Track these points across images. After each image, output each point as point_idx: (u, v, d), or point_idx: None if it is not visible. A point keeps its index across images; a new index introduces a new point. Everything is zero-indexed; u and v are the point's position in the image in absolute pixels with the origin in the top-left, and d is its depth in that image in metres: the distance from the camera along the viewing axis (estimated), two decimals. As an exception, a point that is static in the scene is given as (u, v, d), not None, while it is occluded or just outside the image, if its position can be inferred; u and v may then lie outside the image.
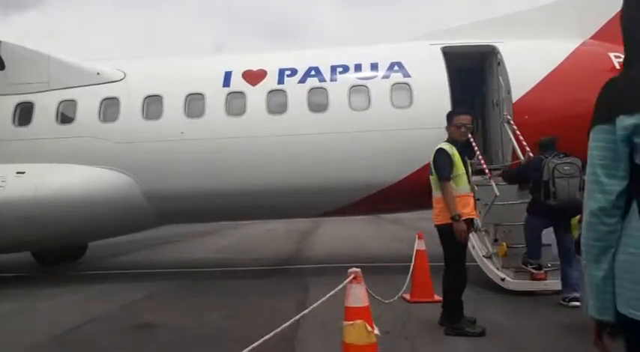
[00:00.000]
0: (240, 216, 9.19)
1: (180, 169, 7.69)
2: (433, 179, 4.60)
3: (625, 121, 1.19)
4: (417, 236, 5.93)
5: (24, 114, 7.99)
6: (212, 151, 7.61)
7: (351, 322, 2.55)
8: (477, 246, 6.56)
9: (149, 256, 11.80)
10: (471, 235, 6.78)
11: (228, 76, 7.93)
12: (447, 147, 4.57)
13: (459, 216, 4.34)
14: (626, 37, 1.33)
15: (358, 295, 2.62)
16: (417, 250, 5.72)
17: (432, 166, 4.60)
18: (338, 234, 14.56)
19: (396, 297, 4.80)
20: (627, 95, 1.22)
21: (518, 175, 6.05)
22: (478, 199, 6.93)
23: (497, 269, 6.09)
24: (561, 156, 5.34)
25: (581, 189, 4.98)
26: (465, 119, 4.59)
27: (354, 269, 2.68)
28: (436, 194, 4.56)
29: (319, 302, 2.72)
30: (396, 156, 7.34)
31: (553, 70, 7.62)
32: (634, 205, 1.22)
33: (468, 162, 4.70)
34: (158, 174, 7.73)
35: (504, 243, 6.04)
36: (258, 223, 16.71)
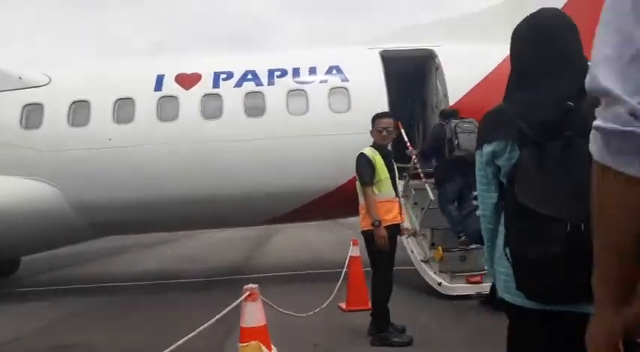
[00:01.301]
0: (176, 227, 8.81)
1: (109, 178, 7.28)
2: (358, 184, 4.47)
3: (486, 149, 1.49)
4: (351, 242, 5.77)
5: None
6: (142, 159, 7.24)
7: (246, 343, 2.33)
8: (415, 250, 6.49)
9: (90, 270, 11.16)
10: (409, 240, 6.76)
11: (160, 79, 7.59)
12: (368, 151, 4.46)
13: (379, 221, 4.23)
14: (511, 69, 1.52)
15: (253, 313, 2.41)
16: (350, 256, 5.56)
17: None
18: (293, 241, 14.25)
19: (323, 305, 4.63)
20: (489, 127, 1.51)
21: (430, 148, 6.28)
22: (415, 203, 6.93)
23: (435, 273, 6.03)
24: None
25: None
26: (385, 123, 4.48)
27: (251, 286, 2.47)
28: (360, 199, 4.44)
29: (207, 323, 2.48)
30: (336, 162, 7.18)
31: (489, 74, 7.69)
32: (502, 216, 1.48)
33: (395, 166, 4.59)
34: (86, 183, 7.30)
35: (440, 247, 5.98)
36: (216, 231, 16.14)
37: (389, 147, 4.73)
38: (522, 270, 1.33)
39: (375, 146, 4.53)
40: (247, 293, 2.44)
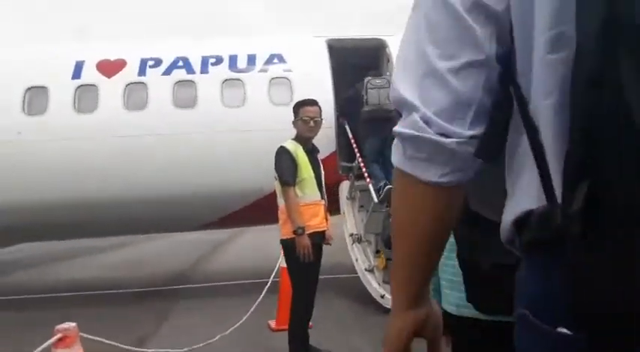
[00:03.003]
0: (99, 232, 7.93)
1: (17, 177, 6.39)
2: (276, 184, 3.80)
3: None
4: (281, 250, 5.08)
5: None
6: (55, 155, 6.38)
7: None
8: (359, 258, 5.88)
9: (14, 279, 10.08)
10: (354, 246, 6.15)
11: (79, 66, 6.74)
12: (290, 146, 3.81)
13: (303, 229, 3.59)
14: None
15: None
16: (281, 267, 4.87)
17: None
18: (254, 244, 13.28)
19: (237, 324, 3.96)
20: None
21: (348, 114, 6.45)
22: (362, 206, 6.31)
23: (378, 284, 5.42)
24: None
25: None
26: (312, 111, 3.87)
27: (63, 326, 1.76)
28: (280, 202, 3.77)
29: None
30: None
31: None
32: None
33: (321, 164, 3.95)
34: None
35: (383, 255, 5.37)
36: (176, 234, 14.91)
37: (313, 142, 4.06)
38: (474, 281, 1.28)
39: (298, 139, 3.89)
40: (58, 335, 1.72)
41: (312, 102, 3.97)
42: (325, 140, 5.95)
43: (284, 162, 3.69)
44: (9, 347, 4.85)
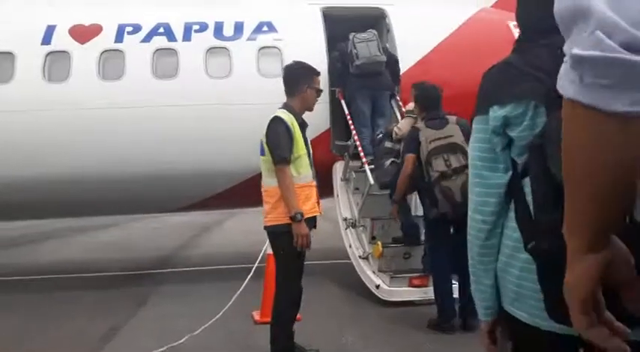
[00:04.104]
0: (73, 212, 7.40)
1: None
2: (264, 161, 3.31)
3: (497, 112, 1.17)
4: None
5: None
6: (23, 128, 5.82)
7: None
8: (353, 244, 5.43)
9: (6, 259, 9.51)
10: (348, 231, 5.69)
11: (50, 31, 6.13)
12: (285, 117, 3.31)
13: (302, 214, 3.12)
14: (518, 22, 1.27)
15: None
16: (267, 254, 4.40)
17: (263, 143, 3.31)
18: (244, 227, 12.75)
19: (217, 315, 3.53)
20: (501, 85, 1.18)
21: (339, 75, 6.17)
22: (357, 188, 5.84)
23: (373, 273, 4.98)
24: None
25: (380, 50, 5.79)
26: (319, 82, 3.47)
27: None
28: (268, 183, 3.29)
29: None
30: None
31: (445, 39, 6.64)
32: (512, 204, 1.18)
33: (309, 140, 3.47)
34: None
35: (380, 242, 4.92)
36: (167, 215, 14.14)
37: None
38: (556, 280, 0.88)
39: (292, 111, 3.39)
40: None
41: (319, 72, 3.54)
42: (319, 116, 5.45)
43: (281, 135, 3.18)
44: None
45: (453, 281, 4.00)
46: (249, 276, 4.40)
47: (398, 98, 6.17)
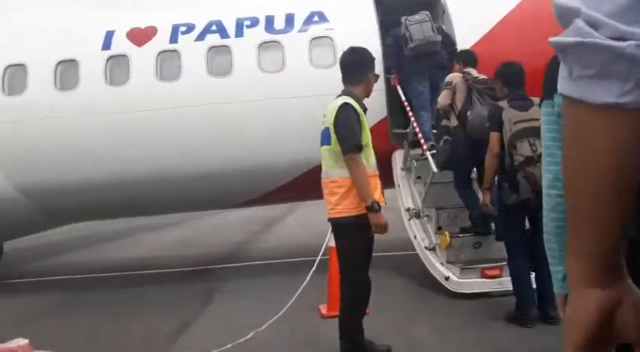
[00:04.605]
0: (138, 212, 7.60)
1: (55, 156, 6.12)
2: (329, 151, 3.19)
3: (559, 98, 1.04)
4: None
5: None
6: (91, 132, 6.04)
7: None
8: (417, 235, 5.24)
9: (70, 259, 10.02)
10: (412, 222, 5.50)
11: (109, 36, 6.32)
12: (354, 103, 3.18)
13: (378, 204, 3.02)
14: None
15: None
16: (330, 247, 4.29)
17: (330, 132, 3.19)
18: (305, 221, 12.77)
19: (280, 313, 3.46)
20: None
21: (395, 59, 5.96)
22: (419, 177, 5.64)
23: (442, 264, 4.78)
24: None
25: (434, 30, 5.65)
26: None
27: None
28: (335, 173, 3.17)
29: None
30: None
31: (503, 19, 6.27)
32: None
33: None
34: (30, 162, 6.17)
35: (447, 232, 4.71)
36: (224, 211, 14.47)
37: None
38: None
39: (355, 98, 3.26)
40: None
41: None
42: (375, 104, 5.29)
43: (353, 122, 3.05)
44: (64, 326, 4.63)
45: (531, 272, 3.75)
46: (312, 270, 4.32)
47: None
